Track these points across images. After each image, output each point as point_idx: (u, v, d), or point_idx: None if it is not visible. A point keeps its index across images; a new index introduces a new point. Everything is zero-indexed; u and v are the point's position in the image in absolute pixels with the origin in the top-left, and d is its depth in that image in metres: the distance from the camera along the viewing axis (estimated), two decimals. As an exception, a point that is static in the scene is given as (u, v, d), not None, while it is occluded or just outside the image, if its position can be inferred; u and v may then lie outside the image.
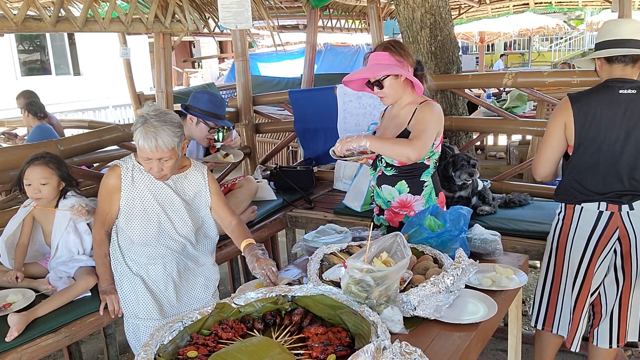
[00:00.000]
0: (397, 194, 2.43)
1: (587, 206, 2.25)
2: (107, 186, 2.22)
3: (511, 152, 6.31)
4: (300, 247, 2.41)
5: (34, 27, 3.14)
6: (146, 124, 2.06)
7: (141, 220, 2.23)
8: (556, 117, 2.26)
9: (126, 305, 2.29)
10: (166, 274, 2.26)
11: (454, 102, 4.08)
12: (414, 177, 2.40)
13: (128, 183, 2.21)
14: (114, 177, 2.21)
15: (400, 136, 2.33)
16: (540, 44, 21.96)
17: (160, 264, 2.26)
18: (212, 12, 4.96)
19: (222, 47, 17.78)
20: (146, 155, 2.10)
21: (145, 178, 2.23)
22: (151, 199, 2.23)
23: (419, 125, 2.27)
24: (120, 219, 2.25)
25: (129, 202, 2.22)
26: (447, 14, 4.06)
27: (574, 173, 2.26)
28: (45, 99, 5.04)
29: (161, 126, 2.06)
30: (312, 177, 4.07)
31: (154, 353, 1.41)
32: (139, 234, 2.24)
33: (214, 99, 3.01)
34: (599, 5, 8.31)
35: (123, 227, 2.26)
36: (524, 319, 3.45)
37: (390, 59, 2.28)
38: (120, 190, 2.21)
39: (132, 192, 2.22)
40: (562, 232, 2.33)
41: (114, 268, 2.32)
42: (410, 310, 1.67)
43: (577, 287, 2.31)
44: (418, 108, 2.33)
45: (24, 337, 2.09)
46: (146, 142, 2.05)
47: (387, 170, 2.43)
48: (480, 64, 13.13)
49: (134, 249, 2.26)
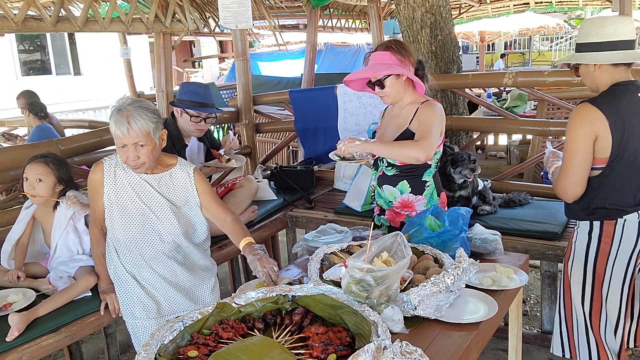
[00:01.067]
0: (398, 194, 2.42)
1: (630, 218, 2.04)
2: (91, 182, 2.22)
3: (511, 152, 6.30)
4: (300, 246, 2.41)
5: (35, 27, 3.14)
6: (120, 110, 2.05)
7: (123, 217, 2.20)
8: (583, 127, 1.98)
9: (123, 305, 2.28)
10: (157, 274, 2.24)
11: (454, 101, 4.08)
12: (416, 177, 2.39)
13: (110, 178, 2.19)
14: (97, 172, 2.20)
15: (402, 136, 2.33)
16: (541, 44, 21.96)
17: (148, 265, 2.23)
18: (213, 11, 4.96)
19: (223, 47, 17.79)
20: (120, 141, 2.05)
21: (128, 175, 2.20)
22: (134, 195, 2.19)
23: (424, 126, 2.26)
24: (107, 218, 2.23)
25: (110, 198, 2.20)
26: (447, 13, 4.06)
27: (609, 187, 2.02)
28: (46, 98, 5.04)
29: (135, 110, 2.04)
30: (312, 176, 4.07)
31: (155, 353, 1.41)
32: (122, 232, 2.21)
33: (194, 88, 2.98)
34: (599, 5, 8.31)
35: (108, 225, 2.24)
36: (525, 319, 3.45)
37: (391, 58, 2.28)
38: (104, 186, 2.19)
39: (114, 187, 2.19)
40: (601, 251, 2.07)
41: (108, 268, 2.31)
42: (411, 309, 1.67)
43: (624, 301, 2.12)
44: (420, 108, 2.32)
45: (24, 336, 2.09)
46: (118, 127, 2.02)
47: (389, 170, 2.42)
48: (480, 63, 13.12)
49: (124, 248, 2.24)
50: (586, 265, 2.12)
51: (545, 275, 2.94)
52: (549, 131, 3.65)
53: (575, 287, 2.16)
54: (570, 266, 2.18)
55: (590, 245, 2.09)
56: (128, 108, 2.04)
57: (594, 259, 2.09)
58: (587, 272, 2.12)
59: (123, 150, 2.09)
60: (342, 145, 2.26)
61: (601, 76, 2.03)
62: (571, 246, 2.19)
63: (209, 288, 2.38)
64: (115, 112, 2.06)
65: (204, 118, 2.92)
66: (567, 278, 2.21)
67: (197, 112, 2.88)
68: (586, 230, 2.10)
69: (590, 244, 2.09)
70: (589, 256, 2.10)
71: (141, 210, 2.20)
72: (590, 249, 2.09)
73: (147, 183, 2.20)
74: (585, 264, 2.12)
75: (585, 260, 2.11)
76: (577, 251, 2.14)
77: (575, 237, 2.16)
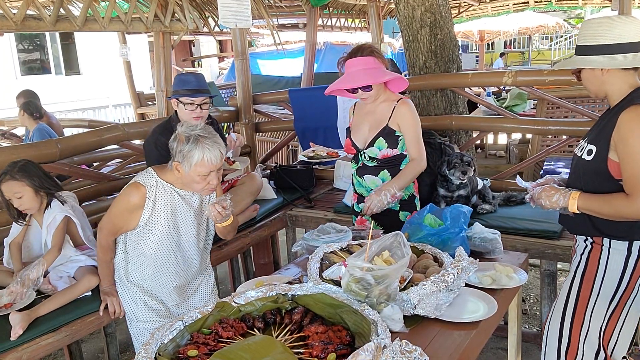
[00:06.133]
0: (380, 182, 2.58)
1: None
2: (128, 204, 2.15)
3: (511, 151, 6.31)
4: (300, 246, 2.41)
5: (34, 26, 3.14)
6: (200, 139, 2.05)
7: (159, 238, 2.21)
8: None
9: (127, 308, 2.31)
10: (171, 284, 2.29)
11: (454, 100, 4.08)
12: (395, 166, 2.57)
13: (151, 202, 2.16)
14: (137, 197, 2.13)
15: (381, 132, 2.51)
16: (540, 43, 21.97)
17: (167, 277, 2.28)
18: (212, 11, 4.96)
19: (222, 46, 17.77)
20: (209, 168, 2.07)
21: (167, 195, 2.18)
22: (171, 215, 2.20)
23: (411, 132, 2.49)
24: (136, 232, 2.21)
25: (150, 221, 2.18)
26: (447, 12, 4.05)
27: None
28: (45, 98, 5.04)
29: (213, 137, 2.08)
30: (312, 176, 4.07)
31: (155, 352, 1.41)
32: (154, 249, 2.22)
33: (185, 76, 2.99)
34: (599, 4, 8.31)
35: (136, 240, 2.23)
36: (524, 318, 3.45)
37: (376, 62, 2.42)
38: (143, 209, 2.15)
39: (152, 209, 2.17)
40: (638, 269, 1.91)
41: (117, 275, 2.32)
42: (411, 308, 1.67)
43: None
44: (396, 106, 2.49)
45: (24, 336, 2.10)
46: (212, 154, 2.05)
47: (370, 162, 2.59)
48: (480, 62, 13.12)
49: (141, 261, 2.25)
50: (620, 285, 1.94)
51: (545, 274, 2.94)
52: (549, 130, 3.65)
53: (601, 307, 1.97)
54: (599, 288, 1.97)
55: (627, 265, 1.91)
56: (207, 135, 2.07)
57: (629, 278, 1.91)
58: (618, 290, 1.95)
59: (204, 178, 2.09)
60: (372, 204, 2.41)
61: (612, 81, 1.87)
62: (596, 266, 1.97)
63: (209, 288, 2.47)
64: (195, 143, 2.04)
65: (199, 105, 2.94)
66: (584, 298, 2.01)
67: (190, 99, 2.90)
68: (623, 250, 1.90)
69: (628, 264, 1.90)
70: (625, 275, 1.92)
71: (176, 229, 2.23)
72: (628, 268, 1.91)
73: (181, 197, 2.22)
74: (620, 283, 1.94)
75: (620, 280, 1.93)
76: (610, 272, 1.94)
77: (607, 257, 1.94)
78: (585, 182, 1.93)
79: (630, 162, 1.77)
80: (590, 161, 1.90)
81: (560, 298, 2.08)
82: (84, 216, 2.65)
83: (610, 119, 1.86)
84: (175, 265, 2.29)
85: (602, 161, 1.86)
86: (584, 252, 2.02)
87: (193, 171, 2.06)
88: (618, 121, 1.81)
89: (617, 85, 1.87)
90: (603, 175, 1.87)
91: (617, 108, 1.86)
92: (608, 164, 1.85)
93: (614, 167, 1.84)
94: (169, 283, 2.29)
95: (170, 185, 2.18)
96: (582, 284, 2.01)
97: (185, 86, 2.94)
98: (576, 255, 2.07)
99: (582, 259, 2.02)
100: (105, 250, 2.27)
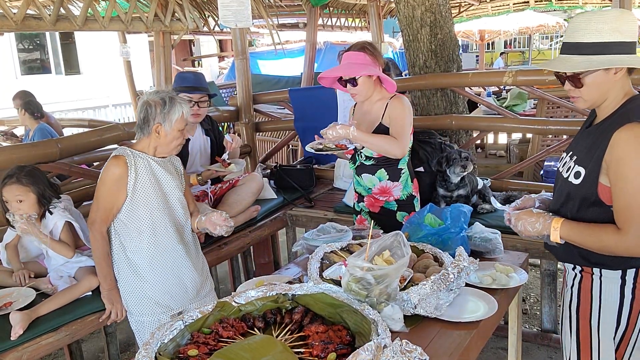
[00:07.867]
0: (377, 181, 2.63)
1: None
2: (113, 176, 2.17)
3: (511, 151, 6.30)
4: (300, 245, 2.41)
5: (34, 26, 3.14)
6: (174, 98, 2.23)
7: (146, 204, 2.22)
8: None
9: (128, 301, 2.30)
10: (167, 267, 2.29)
11: (454, 100, 4.08)
12: (392, 165, 2.60)
13: (133, 168, 2.19)
14: (119, 166, 2.16)
15: (376, 131, 2.53)
16: (541, 42, 21.97)
17: (162, 256, 2.27)
18: (212, 10, 4.96)
19: (222, 46, 17.75)
20: (185, 122, 2.24)
21: (144, 162, 2.23)
22: (153, 180, 2.25)
23: (397, 123, 2.48)
24: (123, 212, 2.21)
25: (137, 187, 2.20)
26: (447, 12, 4.05)
27: None
28: (45, 97, 5.04)
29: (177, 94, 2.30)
30: (312, 175, 4.07)
31: (155, 351, 1.41)
32: (148, 212, 2.23)
33: (183, 74, 3.07)
34: (599, 3, 8.30)
35: (129, 219, 2.22)
36: (524, 317, 3.45)
37: (365, 59, 2.43)
38: (127, 177, 2.18)
39: (135, 177, 2.19)
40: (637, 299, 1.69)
41: (116, 268, 2.30)
42: (411, 308, 1.67)
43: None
44: (389, 103, 2.52)
45: (25, 335, 2.10)
46: (186, 108, 2.25)
47: (367, 161, 2.63)
48: (480, 62, 13.11)
49: (138, 238, 2.24)
50: (620, 318, 1.73)
51: (545, 273, 2.94)
52: (549, 130, 3.65)
53: (607, 341, 1.76)
54: (597, 324, 1.76)
55: (624, 295, 1.70)
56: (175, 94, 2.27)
57: (629, 310, 1.71)
58: (620, 326, 1.74)
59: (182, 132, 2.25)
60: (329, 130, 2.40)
61: (618, 85, 1.64)
62: (590, 299, 1.76)
63: (208, 287, 2.47)
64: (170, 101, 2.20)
65: (197, 102, 2.95)
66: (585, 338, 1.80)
67: (187, 95, 2.91)
68: (616, 279, 1.69)
69: (625, 294, 1.70)
70: (624, 307, 1.71)
71: (161, 193, 2.28)
72: (625, 299, 1.70)
73: (159, 166, 2.28)
74: (619, 317, 1.73)
75: (619, 313, 1.73)
76: (607, 303, 1.74)
77: (599, 288, 1.73)
78: (572, 208, 1.71)
79: (623, 189, 1.55)
80: (579, 185, 1.68)
81: (564, 339, 1.87)
82: (80, 217, 2.65)
83: (600, 136, 1.64)
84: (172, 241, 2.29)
85: (591, 186, 1.64)
86: (574, 283, 1.81)
87: (174, 128, 2.20)
88: (612, 141, 1.57)
89: (616, 92, 1.64)
90: (592, 201, 1.65)
91: (608, 122, 1.64)
92: (598, 188, 1.63)
93: (605, 192, 1.62)
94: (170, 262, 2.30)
95: (144, 154, 2.24)
96: (580, 321, 1.80)
97: (184, 83, 2.97)
98: (567, 287, 1.86)
99: (574, 292, 1.81)
100: (101, 243, 2.24)
